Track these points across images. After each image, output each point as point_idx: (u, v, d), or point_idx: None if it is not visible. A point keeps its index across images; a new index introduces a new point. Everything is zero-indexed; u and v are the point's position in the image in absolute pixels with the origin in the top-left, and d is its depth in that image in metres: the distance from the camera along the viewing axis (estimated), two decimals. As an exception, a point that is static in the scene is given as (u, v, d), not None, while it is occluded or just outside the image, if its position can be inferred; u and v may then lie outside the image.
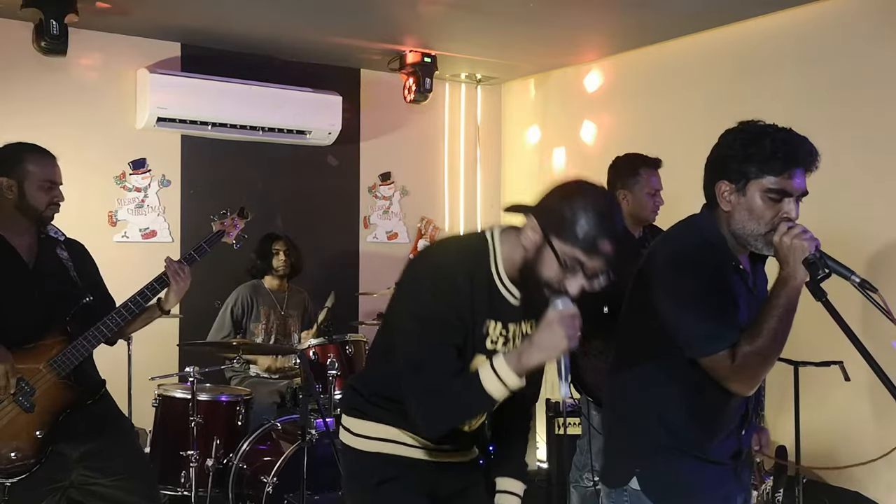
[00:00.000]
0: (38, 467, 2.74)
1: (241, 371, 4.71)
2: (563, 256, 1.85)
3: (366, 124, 5.95)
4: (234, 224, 3.27)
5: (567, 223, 1.84)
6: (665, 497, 2.06)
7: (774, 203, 1.99)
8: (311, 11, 4.61)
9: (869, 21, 4.12)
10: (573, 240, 1.83)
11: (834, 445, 4.20)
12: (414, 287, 1.97)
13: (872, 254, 4.04)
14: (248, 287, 4.90)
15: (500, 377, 1.85)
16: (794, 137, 2.02)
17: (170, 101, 4.94)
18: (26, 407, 2.73)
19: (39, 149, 2.93)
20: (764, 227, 2.00)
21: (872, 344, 2.32)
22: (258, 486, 3.74)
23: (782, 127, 2.05)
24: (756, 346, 1.93)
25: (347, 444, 2.16)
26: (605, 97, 5.63)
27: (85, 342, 2.83)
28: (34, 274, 2.86)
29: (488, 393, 1.85)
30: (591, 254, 1.84)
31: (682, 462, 2.07)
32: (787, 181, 1.99)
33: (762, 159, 1.98)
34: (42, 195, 2.86)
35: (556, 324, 1.81)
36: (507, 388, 1.85)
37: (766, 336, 1.93)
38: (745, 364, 1.93)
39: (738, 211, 2.03)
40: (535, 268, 1.90)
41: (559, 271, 1.86)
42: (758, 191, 2.00)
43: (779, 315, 1.93)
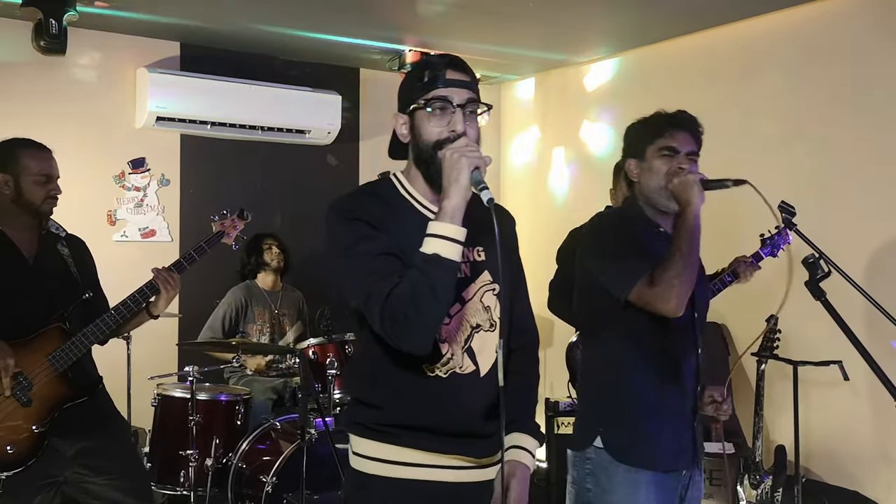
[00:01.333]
0: (33, 461, 2.74)
1: (238, 369, 4.71)
2: (428, 105, 1.86)
3: (365, 124, 5.95)
4: (234, 225, 3.27)
5: (413, 85, 1.89)
6: (625, 452, 2.26)
7: (669, 159, 2.35)
8: (310, 11, 4.60)
9: (869, 21, 4.12)
10: (424, 88, 1.87)
11: (833, 445, 4.20)
12: (327, 235, 1.96)
13: (872, 253, 4.04)
14: (241, 289, 4.90)
15: (438, 234, 1.75)
16: (678, 111, 2.50)
17: (169, 101, 4.94)
18: (24, 401, 2.74)
19: (34, 143, 2.93)
20: (664, 180, 2.33)
21: (872, 344, 2.33)
22: (257, 485, 3.74)
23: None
24: (670, 265, 2.18)
25: (351, 464, 1.98)
26: (604, 97, 5.62)
27: (84, 338, 2.83)
28: (34, 269, 2.87)
29: (439, 255, 1.73)
30: (446, 85, 1.86)
31: (641, 417, 2.28)
32: (671, 140, 2.37)
33: (652, 128, 2.42)
34: (38, 189, 2.85)
35: (448, 153, 1.78)
36: (451, 241, 1.74)
37: (676, 256, 2.19)
38: (661, 281, 2.17)
39: (643, 176, 2.39)
40: (418, 147, 1.90)
41: (435, 120, 1.86)
42: (653, 153, 2.38)
43: (684, 237, 2.21)
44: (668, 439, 2.28)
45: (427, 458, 1.90)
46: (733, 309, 4.59)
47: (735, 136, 4.71)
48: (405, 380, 1.89)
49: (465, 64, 1.92)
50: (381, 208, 1.90)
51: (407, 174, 1.99)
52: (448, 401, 1.89)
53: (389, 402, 1.91)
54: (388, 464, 1.90)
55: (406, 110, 1.91)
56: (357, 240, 1.86)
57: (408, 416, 1.90)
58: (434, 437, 1.90)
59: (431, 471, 1.91)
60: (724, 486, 4.10)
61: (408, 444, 1.89)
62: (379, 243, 1.84)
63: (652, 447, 2.27)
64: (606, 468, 2.26)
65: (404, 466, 1.90)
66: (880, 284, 3.73)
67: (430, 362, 1.89)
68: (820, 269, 2.32)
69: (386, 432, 1.90)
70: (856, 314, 3.10)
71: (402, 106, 1.93)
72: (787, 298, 2.23)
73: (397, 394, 1.90)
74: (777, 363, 3.91)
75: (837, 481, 4.13)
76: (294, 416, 3.97)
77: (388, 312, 1.75)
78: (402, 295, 1.74)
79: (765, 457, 4.03)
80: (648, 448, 2.27)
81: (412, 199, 1.96)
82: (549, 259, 4.07)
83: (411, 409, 1.90)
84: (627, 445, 2.26)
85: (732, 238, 3.87)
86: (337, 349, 4.25)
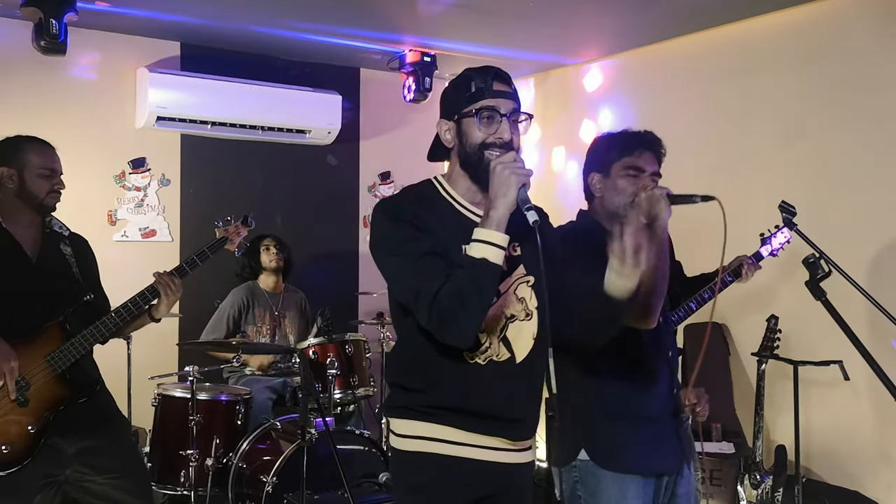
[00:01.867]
0: (28, 461, 2.74)
1: (238, 369, 4.71)
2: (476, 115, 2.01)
3: (365, 123, 5.95)
4: (238, 231, 3.25)
5: (460, 94, 2.04)
6: (610, 459, 2.29)
7: (633, 178, 2.38)
8: (310, 10, 4.61)
9: (869, 21, 4.12)
10: (472, 98, 2.03)
11: (833, 445, 4.20)
12: (374, 235, 2.06)
13: (872, 253, 4.04)
14: (243, 289, 4.90)
15: (483, 240, 1.89)
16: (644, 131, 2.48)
17: (169, 101, 4.94)
18: (21, 401, 2.73)
19: (37, 139, 2.95)
20: (627, 199, 2.35)
21: (872, 343, 2.33)
22: (258, 485, 3.74)
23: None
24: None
25: (392, 444, 2.14)
26: (604, 96, 5.63)
27: (84, 340, 2.83)
28: (36, 268, 2.86)
29: (487, 260, 1.88)
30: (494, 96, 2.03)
31: (623, 426, 2.31)
32: (637, 159, 2.39)
33: (620, 145, 2.43)
34: (42, 183, 2.86)
35: (499, 168, 1.91)
36: (496, 247, 1.89)
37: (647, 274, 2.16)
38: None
39: (607, 192, 2.42)
40: (465, 151, 2.04)
41: (483, 129, 2.01)
42: (617, 171, 2.40)
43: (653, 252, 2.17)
44: (651, 444, 2.32)
45: (468, 437, 2.04)
46: (734, 309, 4.59)
47: (735, 136, 4.71)
48: (447, 366, 2.02)
49: (508, 76, 2.11)
50: (424, 209, 2.04)
51: (448, 177, 2.13)
52: (486, 386, 2.03)
53: (432, 387, 2.05)
54: (433, 441, 2.04)
55: (453, 118, 2.06)
56: (403, 240, 1.99)
57: (450, 400, 2.03)
58: (475, 418, 2.03)
59: (472, 450, 2.04)
60: (725, 486, 4.10)
61: (450, 424, 2.03)
62: (424, 243, 1.97)
63: (636, 453, 2.30)
64: (594, 473, 2.30)
65: (447, 444, 2.03)
66: (880, 284, 3.73)
67: (470, 351, 2.02)
68: (820, 269, 2.32)
69: (429, 413, 2.04)
70: (856, 314, 3.10)
71: (449, 113, 2.08)
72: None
73: (440, 379, 2.04)
74: (777, 363, 3.91)
75: (838, 481, 4.13)
76: (294, 416, 3.97)
77: (436, 310, 1.89)
78: (451, 294, 1.88)
79: (765, 457, 4.03)
80: (633, 454, 2.30)
81: (453, 201, 2.10)
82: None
83: (453, 394, 2.03)
84: (612, 453, 2.30)
85: (731, 237, 3.87)
86: (337, 349, 4.25)
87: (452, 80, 2.12)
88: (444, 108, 2.11)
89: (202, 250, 3.08)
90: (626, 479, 2.28)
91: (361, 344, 4.44)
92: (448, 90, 2.11)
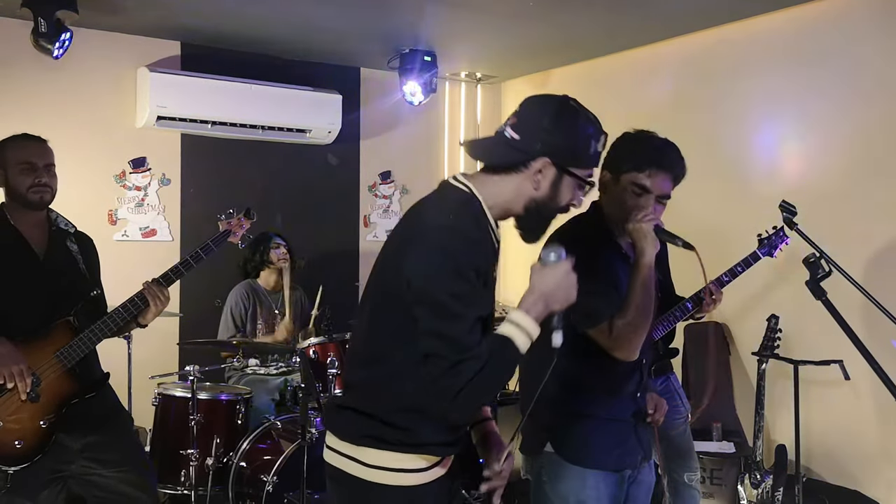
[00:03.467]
0: (40, 456, 2.75)
1: (238, 369, 4.71)
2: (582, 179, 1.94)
3: (366, 123, 5.96)
4: (241, 224, 3.27)
5: (581, 150, 1.92)
6: (576, 455, 2.34)
7: (637, 196, 2.30)
8: (311, 10, 4.61)
9: (868, 21, 4.11)
10: (589, 161, 1.95)
11: (834, 444, 4.20)
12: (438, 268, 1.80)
13: (872, 253, 4.04)
14: (244, 286, 4.89)
15: (525, 330, 1.84)
16: (669, 147, 2.35)
17: (170, 100, 4.94)
18: (32, 397, 2.74)
19: (23, 135, 2.93)
20: (623, 215, 2.31)
21: (872, 343, 2.32)
22: (258, 484, 3.74)
23: (665, 138, 2.37)
24: (627, 319, 2.22)
25: (352, 473, 1.94)
26: (604, 96, 5.62)
27: (91, 335, 2.84)
28: (44, 265, 2.87)
29: (519, 349, 1.83)
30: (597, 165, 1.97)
31: (588, 423, 2.35)
32: (647, 179, 2.29)
33: (635, 157, 2.31)
34: (23, 178, 2.84)
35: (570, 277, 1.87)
36: (530, 339, 1.85)
37: (632, 310, 2.22)
38: (619, 334, 2.23)
39: (610, 198, 2.37)
40: (551, 203, 1.93)
41: (575, 193, 1.95)
42: (625, 183, 2.32)
43: (639, 290, 2.22)
44: (612, 442, 2.38)
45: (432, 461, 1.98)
46: (734, 308, 4.59)
47: (734, 135, 4.72)
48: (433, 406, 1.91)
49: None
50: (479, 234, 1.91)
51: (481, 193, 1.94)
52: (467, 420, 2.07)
53: (417, 424, 1.92)
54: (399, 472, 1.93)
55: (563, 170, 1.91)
56: (464, 294, 1.81)
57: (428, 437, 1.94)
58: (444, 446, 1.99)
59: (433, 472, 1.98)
60: (725, 486, 4.11)
61: (420, 453, 1.95)
62: (478, 306, 1.84)
63: (598, 450, 2.36)
64: (559, 463, 2.37)
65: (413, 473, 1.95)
66: (881, 283, 3.73)
67: None
68: (820, 269, 2.32)
69: (412, 445, 1.94)
70: (856, 313, 3.10)
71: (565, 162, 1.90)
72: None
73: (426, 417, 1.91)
74: (778, 362, 3.91)
75: (838, 481, 4.13)
76: (295, 416, 3.97)
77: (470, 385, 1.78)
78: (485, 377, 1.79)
79: (765, 456, 4.03)
80: (594, 451, 2.35)
81: (491, 222, 1.95)
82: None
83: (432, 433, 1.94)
84: (575, 449, 2.35)
85: (729, 238, 3.87)
86: (338, 349, 4.24)
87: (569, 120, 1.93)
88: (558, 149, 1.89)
89: (206, 244, 3.08)
90: (586, 471, 2.36)
91: (362, 343, 4.43)
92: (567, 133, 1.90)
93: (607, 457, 2.36)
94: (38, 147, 2.91)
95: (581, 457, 2.35)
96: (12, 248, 2.85)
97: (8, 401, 2.73)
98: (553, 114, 1.91)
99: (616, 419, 2.39)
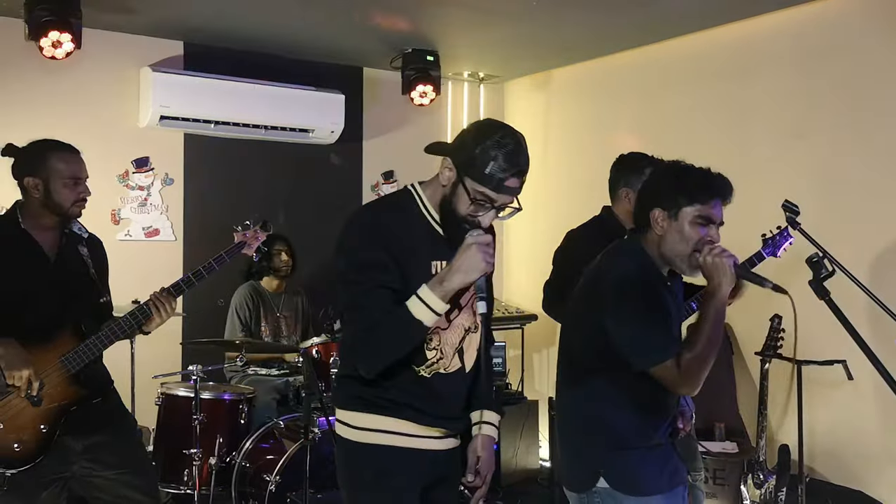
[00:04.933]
0: (40, 459, 2.75)
1: (241, 370, 4.72)
2: (474, 193, 2.07)
3: (369, 123, 5.96)
4: (256, 236, 3.24)
5: (477, 163, 2.05)
6: (632, 487, 2.32)
7: (701, 227, 2.29)
8: (313, 10, 4.61)
9: (869, 21, 4.11)
10: (482, 178, 2.06)
11: (837, 444, 4.20)
12: (344, 243, 2.14)
13: (873, 253, 4.04)
14: (248, 287, 4.90)
15: (426, 303, 2.02)
16: (716, 175, 2.35)
17: (173, 100, 4.94)
18: (34, 401, 2.74)
19: (63, 145, 2.91)
20: (690, 249, 2.30)
21: (875, 343, 2.32)
22: (261, 484, 3.74)
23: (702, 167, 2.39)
24: (696, 352, 2.21)
25: (344, 436, 2.22)
26: (606, 96, 5.62)
27: (97, 342, 2.83)
28: (55, 270, 2.86)
29: (418, 319, 2.03)
30: (499, 191, 2.07)
31: (637, 454, 2.34)
32: (710, 209, 2.30)
33: (692, 190, 2.30)
34: (67, 192, 2.85)
35: (474, 248, 2.02)
36: (433, 313, 2.04)
37: (703, 343, 2.21)
38: (689, 368, 2.21)
39: (670, 234, 2.32)
40: (451, 204, 2.12)
41: (471, 207, 2.09)
42: (688, 217, 2.29)
43: (711, 324, 2.23)
44: (661, 464, 2.38)
45: (420, 429, 2.20)
46: (737, 308, 4.58)
47: (736, 136, 4.71)
48: (396, 370, 2.14)
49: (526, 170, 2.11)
50: (399, 222, 2.14)
51: (426, 190, 2.22)
52: (431, 393, 2.19)
53: (384, 383, 2.16)
54: (391, 434, 2.17)
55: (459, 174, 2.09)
56: (367, 265, 2.09)
57: (400, 397, 2.17)
58: (425, 414, 2.19)
59: (419, 440, 2.20)
60: (728, 486, 4.10)
61: (405, 417, 2.17)
62: (385, 276, 2.07)
63: (651, 478, 2.35)
64: (615, 497, 2.32)
65: (404, 437, 2.18)
66: (883, 284, 3.73)
67: (416, 364, 2.16)
68: (824, 268, 2.31)
69: (386, 406, 2.17)
70: (859, 313, 3.10)
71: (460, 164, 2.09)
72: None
73: (391, 379, 2.15)
74: (781, 362, 3.90)
75: (841, 481, 4.12)
76: (297, 415, 3.97)
77: (360, 339, 2.11)
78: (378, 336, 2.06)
79: (769, 456, 4.02)
80: (647, 478, 2.34)
81: (428, 215, 2.20)
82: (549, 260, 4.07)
83: (402, 394, 2.17)
84: (632, 480, 2.33)
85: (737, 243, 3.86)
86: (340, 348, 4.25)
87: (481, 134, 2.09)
88: (458, 153, 2.10)
89: (219, 255, 3.06)
90: (643, 499, 2.33)
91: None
92: (469, 142, 2.09)
93: (660, 480, 2.35)
94: (80, 161, 2.91)
95: (637, 487, 2.32)
96: (23, 250, 2.84)
97: (9, 403, 2.72)
98: (477, 126, 2.16)
99: (660, 444, 2.39)
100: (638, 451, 2.34)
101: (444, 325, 2.17)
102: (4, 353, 2.69)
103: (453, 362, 2.21)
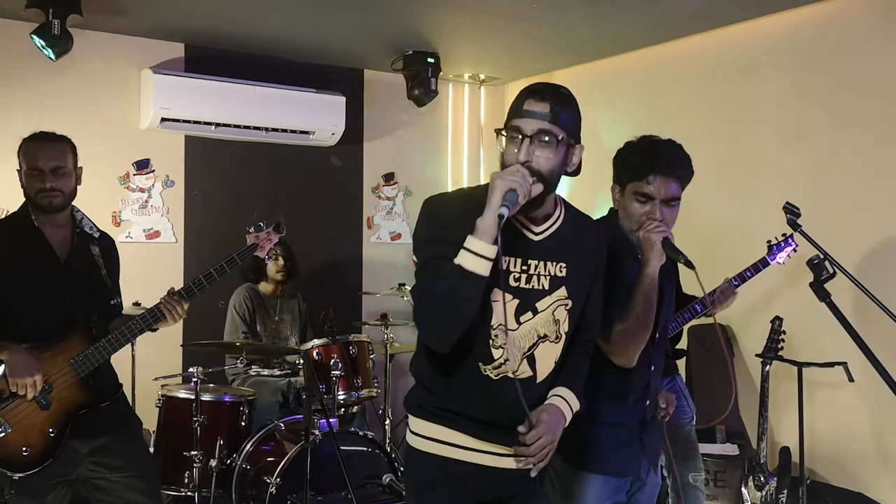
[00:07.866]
0: (48, 463, 2.74)
1: (241, 371, 4.71)
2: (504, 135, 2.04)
3: (369, 125, 5.96)
4: (269, 238, 3.18)
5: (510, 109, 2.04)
6: (579, 458, 2.36)
7: (641, 205, 2.34)
8: (314, 12, 4.61)
9: (869, 21, 4.11)
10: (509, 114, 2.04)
11: (838, 446, 4.19)
12: (416, 228, 2.10)
13: (873, 252, 4.03)
14: (246, 288, 4.89)
15: (471, 250, 1.90)
16: (663, 149, 2.36)
17: (173, 102, 4.95)
18: (43, 404, 2.73)
19: (33, 136, 2.89)
20: (634, 225, 2.35)
21: (876, 344, 2.32)
22: (262, 486, 3.74)
23: (667, 140, 2.39)
24: (624, 326, 2.27)
25: (406, 439, 2.21)
26: (607, 97, 5.62)
27: (108, 345, 2.81)
28: (65, 269, 2.85)
29: (466, 269, 1.90)
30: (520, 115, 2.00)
31: (595, 429, 2.36)
32: (647, 186, 2.32)
33: (631, 167, 2.37)
34: (32, 183, 2.82)
35: (498, 179, 1.93)
36: (481, 257, 1.90)
37: (632, 318, 2.26)
38: (616, 340, 2.28)
39: (621, 210, 2.41)
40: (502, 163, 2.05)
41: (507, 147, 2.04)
42: (630, 192, 2.37)
43: (640, 300, 2.26)
44: (616, 449, 2.39)
45: (476, 443, 2.09)
46: (738, 310, 4.58)
47: (737, 137, 4.71)
48: (458, 372, 2.07)
49: (550, 94, 2.02)
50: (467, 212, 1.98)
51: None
52: (493, 399, 2.06)
53: (441, 389, 2.10)
54: (442, 444, 2.09)
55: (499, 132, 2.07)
56: (428, 240, 2.04)
57: (456, 404, 2.08)
58: (483, 426, 2.07)
59: (475, 454, 2.09)
60: (729, 488, 4.10)
61: (460, 429, 2.08)
62: (443, 247, 1.97)
63: (602, 456, 2.37)
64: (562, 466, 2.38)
65: (456, 448, 2.09)
66: (881, 283, 3.72)
67: (483, 362, 2.05)
68: (825, 271, 2.32)
69: (439, 415, 2.10)
70: (860, 315, 3.10)
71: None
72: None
73: (449, 383, 2.08)
74: (782, 364, 3.90)
75: (842, 483, 4.12)
76: (298, 417, 3.97)
77: (419, 305, 1.99)
78: (434, 297, 1.94)
79: (769, 458, 4.02)
80: (599, 457, 2.37)
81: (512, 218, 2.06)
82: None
83: (459, 399, 2.08)
84: (579, 454, 2.37)
85: (739, 243, 3.87)
86: (341, 350, 4.25)
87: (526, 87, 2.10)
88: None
89: (231, 257, 3.04)
90: (588, 475, 2.38)
91: (365, 345, 4.43)
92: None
93: (610, 462, 2.37)
94: (46, 149, 2.83)
95: (584, 461, 2.36)
96: (33, 248, 2.82)
97: (17, 407, 2.71)
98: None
99: (621, 425, 2.39)
100: (596, 425, 2.36)
101: (514, 325, 2.05)
102: (9, 359, 2.68)
103: (523, 368, 2.08)
